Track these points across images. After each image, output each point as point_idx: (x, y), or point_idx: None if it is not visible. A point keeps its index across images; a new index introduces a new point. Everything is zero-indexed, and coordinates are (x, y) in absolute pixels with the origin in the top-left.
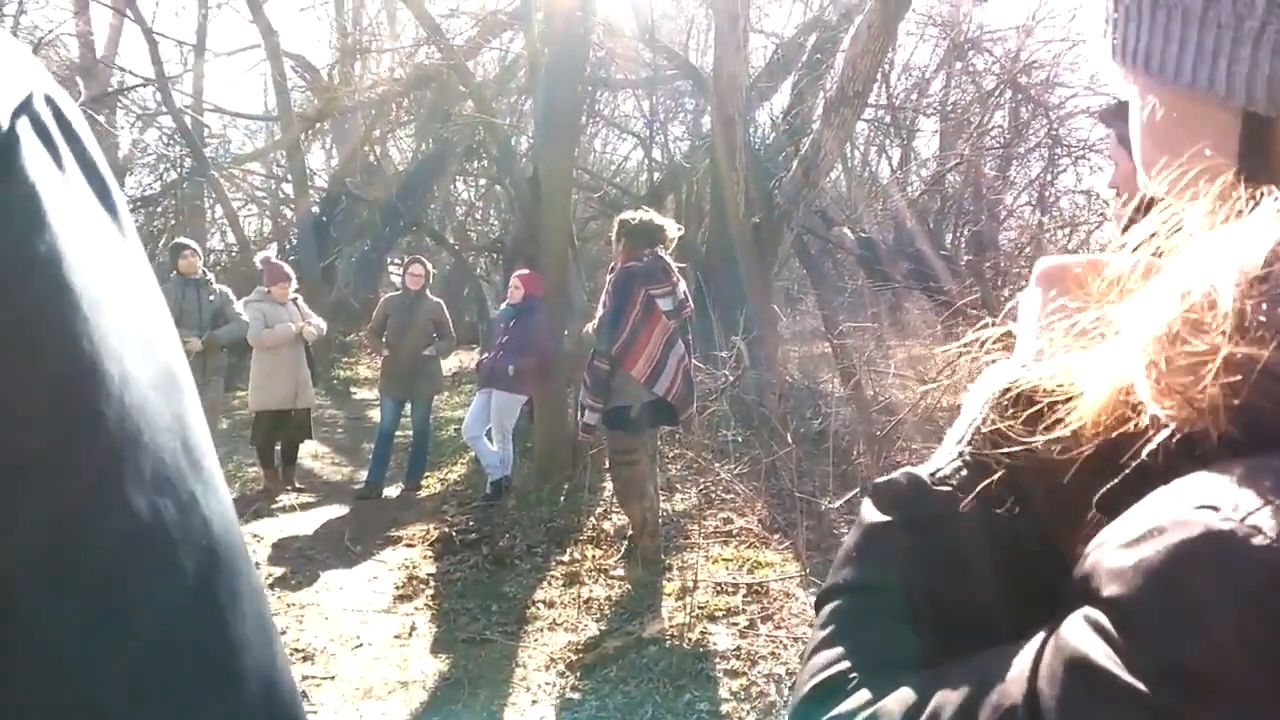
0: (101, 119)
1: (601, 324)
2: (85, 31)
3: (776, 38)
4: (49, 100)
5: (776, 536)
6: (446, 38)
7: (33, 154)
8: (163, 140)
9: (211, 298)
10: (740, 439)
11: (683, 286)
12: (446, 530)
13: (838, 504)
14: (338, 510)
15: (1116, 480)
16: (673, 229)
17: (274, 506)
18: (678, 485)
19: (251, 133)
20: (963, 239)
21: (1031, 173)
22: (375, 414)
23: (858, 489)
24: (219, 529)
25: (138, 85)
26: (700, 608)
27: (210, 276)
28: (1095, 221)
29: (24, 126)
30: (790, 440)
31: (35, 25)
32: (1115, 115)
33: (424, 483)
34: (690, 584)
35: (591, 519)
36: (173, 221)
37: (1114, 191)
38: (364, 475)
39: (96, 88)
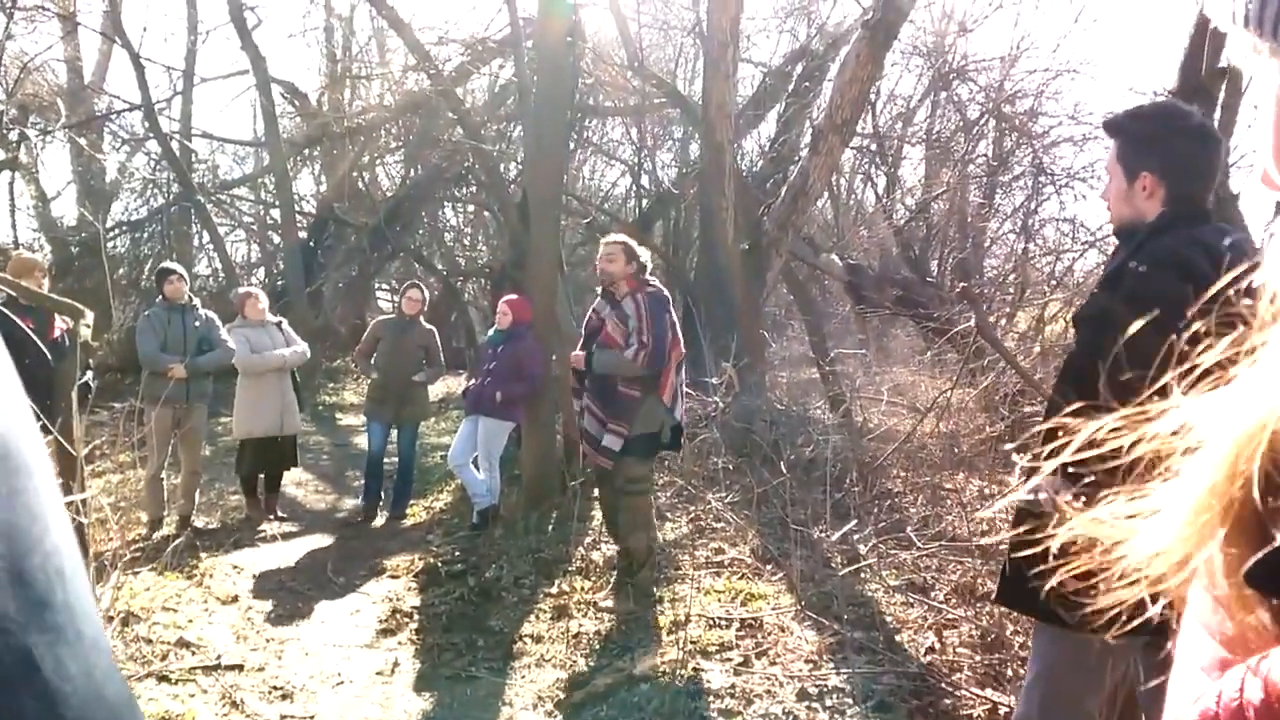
0: (84, 142)
1: (654, 350)
2: (73, 56)
3: (764, 67)
4: None
5: (769, 567)
6: (436, 64)
7: None
8: (150, 165)
9: (197, 323)
10: (731, 466)
11: None
12: (432, 561)
13: (834, 536)
14: (321, 540)
15: None
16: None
17: (256, 536)
18: (668, 514)
19: (240, 158)
20: (948, 266)
21: (1016, 200)
22: (360, 440)
23: (853, 520)
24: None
25: (125, 110)
26: (693, 642)
27: (196, 302)
28: (1079, 249)
29: None
30: (782, 468)
31: (23, 50)
32: (1118, 128)
33: (409, 511)
34: (682, 618)
35: (580, 549)
36: (159, 247)
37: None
38: (348, 503)
39: (83, 112)
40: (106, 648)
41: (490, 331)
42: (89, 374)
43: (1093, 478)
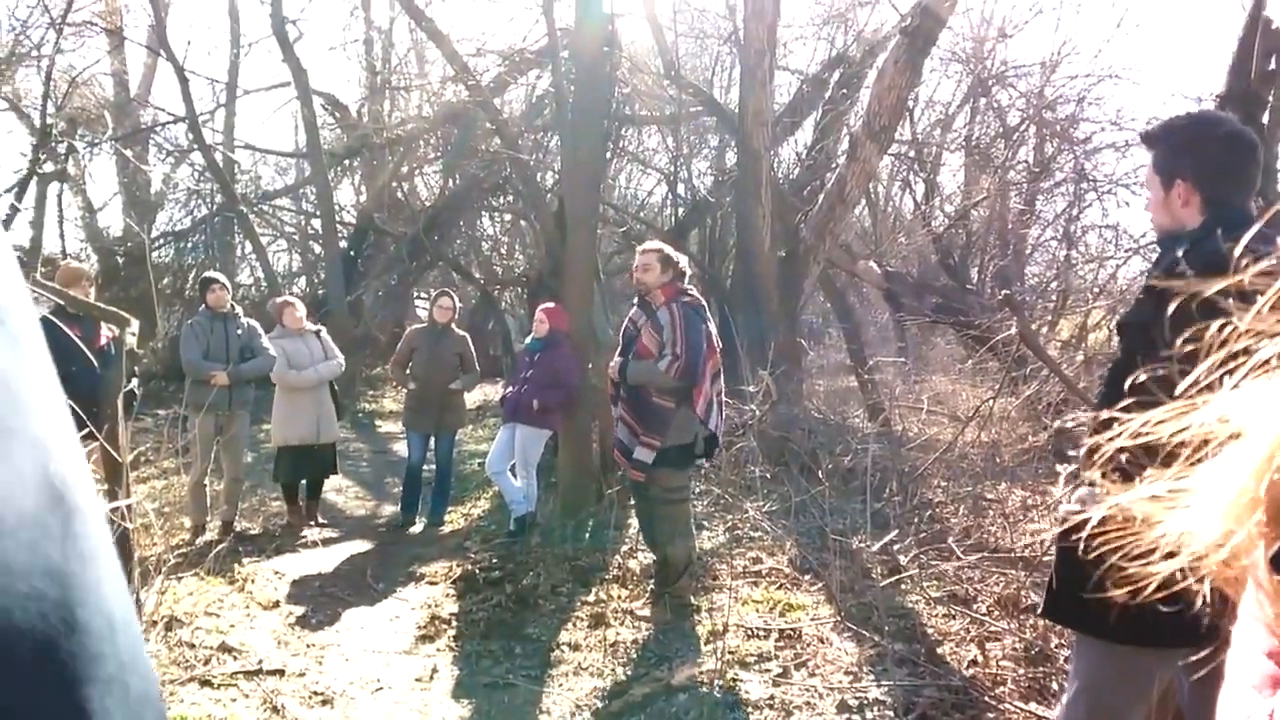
0: (130, 154)
1: (687, 362)
2: (120, 70)
3: (801, 74)
4: None
5: (808, 577)
6: (474, 76)
7: None
8: (194, 176)
9: (239, 331)
10: (768, 475)
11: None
12: (469, 568)
13: (873, 546)
14: (360, 546)
15: None
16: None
17: (297, 542)
18: (705, 523)
19: (281, 169)
20: (988, 274)
21: (1057, 208)
22: (399, 447)
23: (893, 530)
24: None
25: (170, 123)
26: (731, 652)
27: (238, 310)
28: (1122, 256)
29: None
30: (820, 477)
31: (71, 64)
32: (1154, 139)
33: (447, 518)
34: (720, 627)
35: (617, 557)
36: (203, 256)
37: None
38: (387, 510)
39: (130, 125)
40: (157, 702)
41: (527, 339)
42: (134, 381)
43: (1139, 478)
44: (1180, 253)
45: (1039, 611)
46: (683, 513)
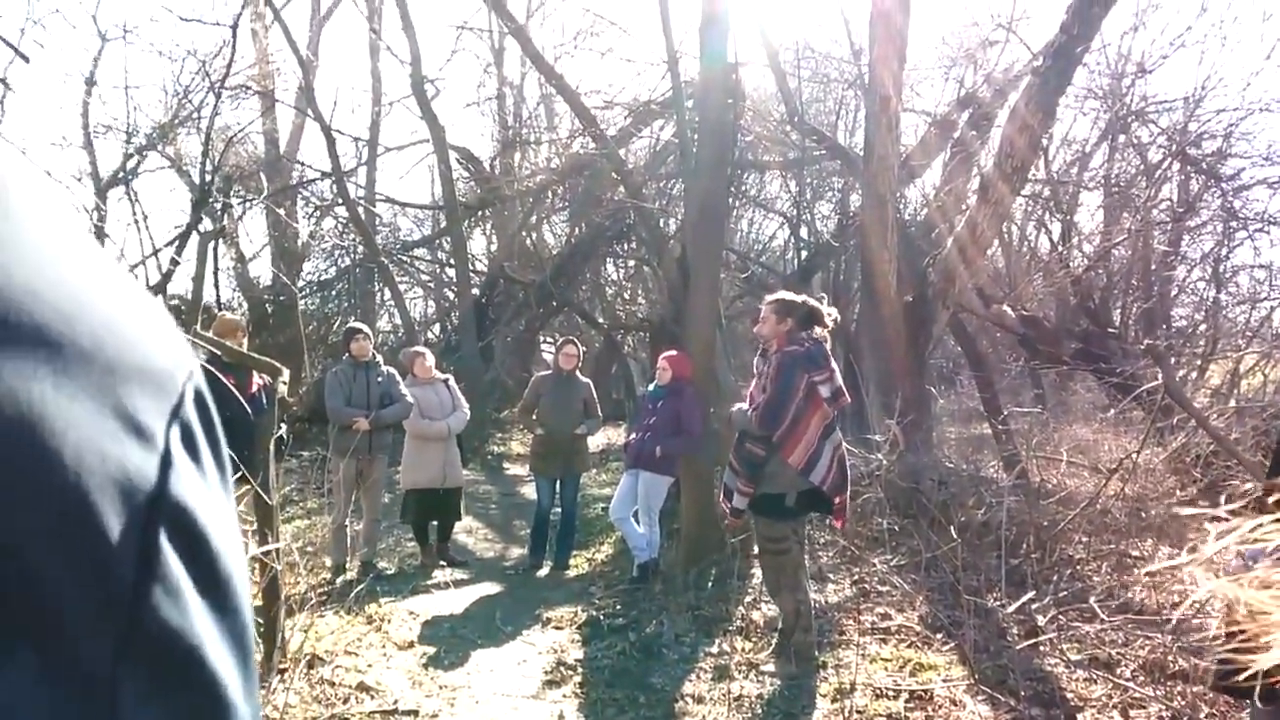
0: (283, 212)
1: (765, 409)
2: (271, 129)
3: (928, 115)
4: (198, 394)
5: (940, 636)
6: (601, 128)
7: (181, 471)
8: (338, 229)
9: (379, 379)
10: (896, 527)
11: (839, 374)
12: (594, 613)
13: (1010, 606)
14: (489, 588)
15: None
16: (833, 314)
17: (429, 583)
18: (830, 575)
19: (418, 220)
20: (1131, 317)
21: (1204, 247)
22: (526, 490)
23: (1030, 588)
24: None
25: (316, 179)
26: (859, 712)
27: (379, 359)
28: (1278, 298)
29: (175, 441)
30: (952, 532)
31: (226, 125)
32: None
33: (572, 562)
34: (847, 685)
35: (741, 608)
36: (345, 304)
37: None
38: (515, 552)
39: (279, 181)
40: None
41: (650, 386)
42: (282, 427)
43: None
44: None
45: (1208, 684)
46: (786, 564)
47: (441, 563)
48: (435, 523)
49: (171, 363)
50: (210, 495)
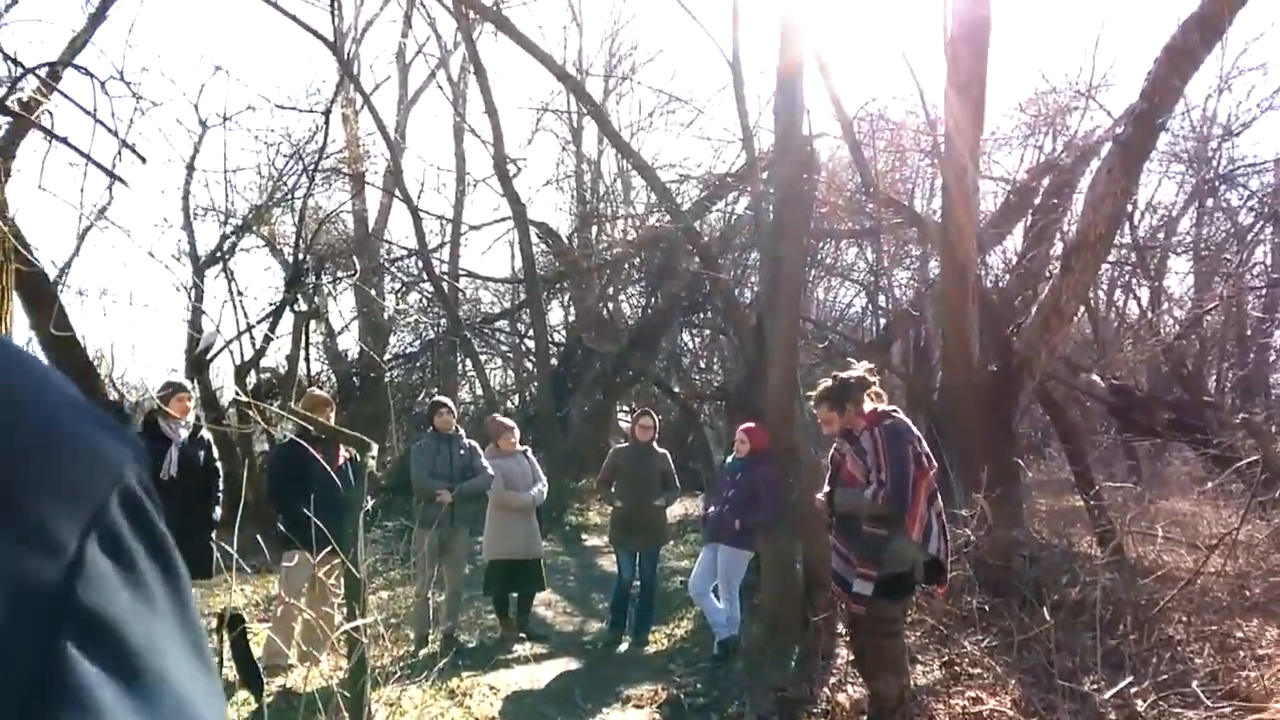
0: (373, 291)
1: (893, 489)
2: (360, 209)
3: (1006, 182)
4: (126, 498)
5: None
6: (676, 202)
7: (98, 581)
8: (422, 303)
9: (462, 451)
10: (986, 606)
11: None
12: (675, 692)
13: (1107, 692)
14: (569, 663)
15: None
16: (871, 370)
17: (509, 657)
18: (919, 656)
19: (499, 294)
20: (1227, 385)
21: None
22: (604, 561)
23: (1129, 671)
24: None
25: (403, 257)
26: None
27: (461, 431)
28: None
29: (92, 548)
30: (1045, 612)
31: (319, 205)
32: None
33: (651, 637)
34: None
35: (826, 689)
36: (429, 376)
37: None
38: (594, 626)
39: (368, 259)
40: None
41: (728, 458)
42: (369, 500)
43: None
44: None
45: None
46: (895, 647)
47: (521, 635)
48: (515, 594)
49: (89, 472)
50: (140, 596)
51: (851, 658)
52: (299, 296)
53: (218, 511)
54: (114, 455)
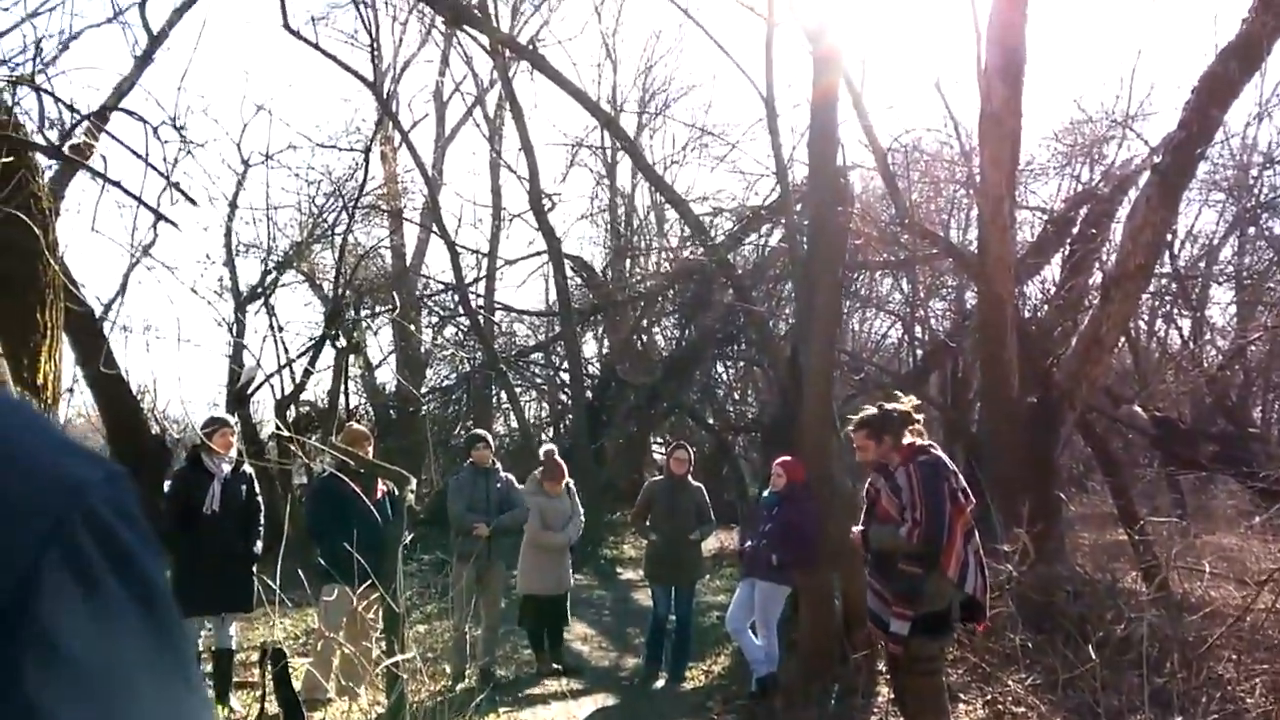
0: (411, 326)
1: (929, 526)
2: (399, 245)
3: (1043, 212)
4: (90, 518)
5: None
6: (709, 235)
7: (53, 597)
8: (458, 337)
9: (499, 484)
10: (1030, 644)
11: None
12: None
13: None
14: (605, 699)
15: None
16: (914, 404)
17: (546, 693)
18: (961, 695)
19: (534, 326)
20: (1274, 416)
21: None
22: (639, 595)
23: (1177, 711)
24: None
25: (440, 291)
26: None
27: (498, 465)
28: None
29: (49, 567)
30: (1089, 650)
31: (358, 241)
32: None
33: (688, 673)
34: None
35: None
36: (465, 409)
37: None
38: (630, 661)
39: (405, 293)
40: None
41: (764, 492)
42: (408, 534)
43: None
44: None
45: None
46: (933, 686)
47: (556, 666)
48: (547, 629)
49: (47, 494)
50: (103, 613)
51: (892, 696)
52: (339, 331)
53: (259, 545)
54: (77, 477)
